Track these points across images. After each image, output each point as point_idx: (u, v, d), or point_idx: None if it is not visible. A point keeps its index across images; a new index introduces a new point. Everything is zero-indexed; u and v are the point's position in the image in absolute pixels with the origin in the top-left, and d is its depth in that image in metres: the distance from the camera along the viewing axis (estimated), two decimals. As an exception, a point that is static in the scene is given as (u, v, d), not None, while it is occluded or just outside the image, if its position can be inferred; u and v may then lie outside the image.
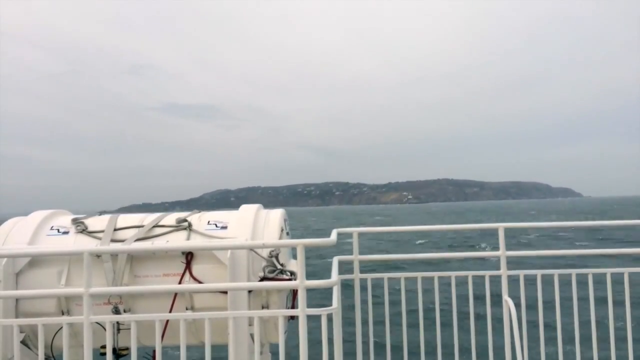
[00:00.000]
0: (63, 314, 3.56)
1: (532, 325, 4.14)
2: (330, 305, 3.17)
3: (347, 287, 4.16)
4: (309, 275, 3.13)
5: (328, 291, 3.30)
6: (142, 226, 3.81)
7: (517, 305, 3.99)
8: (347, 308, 4.09)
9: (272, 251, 3.59)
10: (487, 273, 4.22)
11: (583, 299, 4.10)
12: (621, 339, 4.08)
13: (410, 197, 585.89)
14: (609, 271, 4.12)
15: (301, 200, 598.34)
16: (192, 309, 3.57)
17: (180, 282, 3.53)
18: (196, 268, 3.57)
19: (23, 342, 3.50)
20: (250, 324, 3.49)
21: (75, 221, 3.87)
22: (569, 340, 4.06)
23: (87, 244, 3.70)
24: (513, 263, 4.13)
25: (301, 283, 3.05)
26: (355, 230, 4.18)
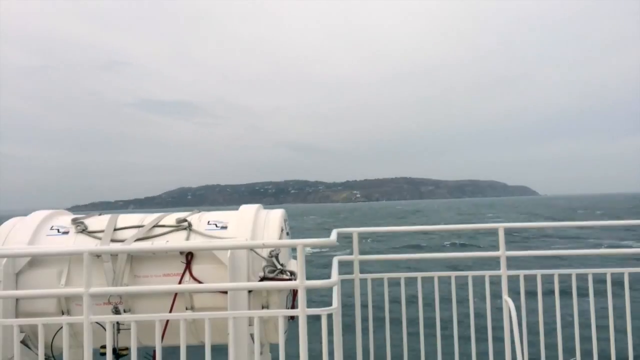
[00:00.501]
0: (63, 313, 3.55)
1: (533, 324, 4.14)
2: (331, 305, 3.17)
3: (347, 287, 4.16)
4: (309, 275, 3.13)
5: (329, 292, 3.30)
6: (142, 226, 3.80)
7: (518, 308, 3.99)
8: (348, 308, 4.09)
9: (272, 251, 3.58)
10: (487, 273, 4.22)
11: (583, 295, 4.11)
12: (621, 335, 4.08)
13: (358, 195, 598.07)
14: (609, 271, 4.12)
15: (255, 199, 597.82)
16: (192, 309, 3.56)
17: (180, 282, 3.53)
18: (196, 268, 3.56)
19: (23, 342, 3.49)
20: (250, 324, 3.49)
21: (75, 221, 3.86)
22: (569, 339, 4.07)
23: (87, 244, 3.69)
24: (514, 263, 4.14)
25: (301, 283, 3.05)
26: (355, 230, 4.18)
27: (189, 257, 3.57)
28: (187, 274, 3.54)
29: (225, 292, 3.49)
